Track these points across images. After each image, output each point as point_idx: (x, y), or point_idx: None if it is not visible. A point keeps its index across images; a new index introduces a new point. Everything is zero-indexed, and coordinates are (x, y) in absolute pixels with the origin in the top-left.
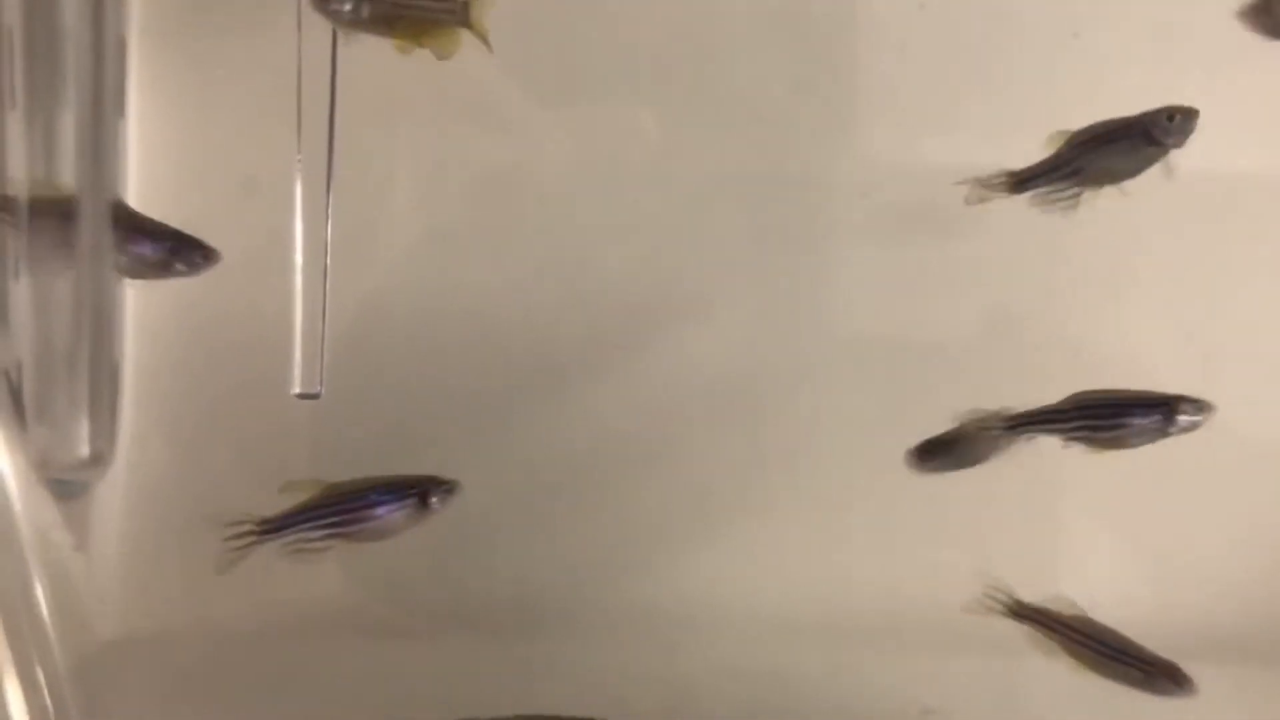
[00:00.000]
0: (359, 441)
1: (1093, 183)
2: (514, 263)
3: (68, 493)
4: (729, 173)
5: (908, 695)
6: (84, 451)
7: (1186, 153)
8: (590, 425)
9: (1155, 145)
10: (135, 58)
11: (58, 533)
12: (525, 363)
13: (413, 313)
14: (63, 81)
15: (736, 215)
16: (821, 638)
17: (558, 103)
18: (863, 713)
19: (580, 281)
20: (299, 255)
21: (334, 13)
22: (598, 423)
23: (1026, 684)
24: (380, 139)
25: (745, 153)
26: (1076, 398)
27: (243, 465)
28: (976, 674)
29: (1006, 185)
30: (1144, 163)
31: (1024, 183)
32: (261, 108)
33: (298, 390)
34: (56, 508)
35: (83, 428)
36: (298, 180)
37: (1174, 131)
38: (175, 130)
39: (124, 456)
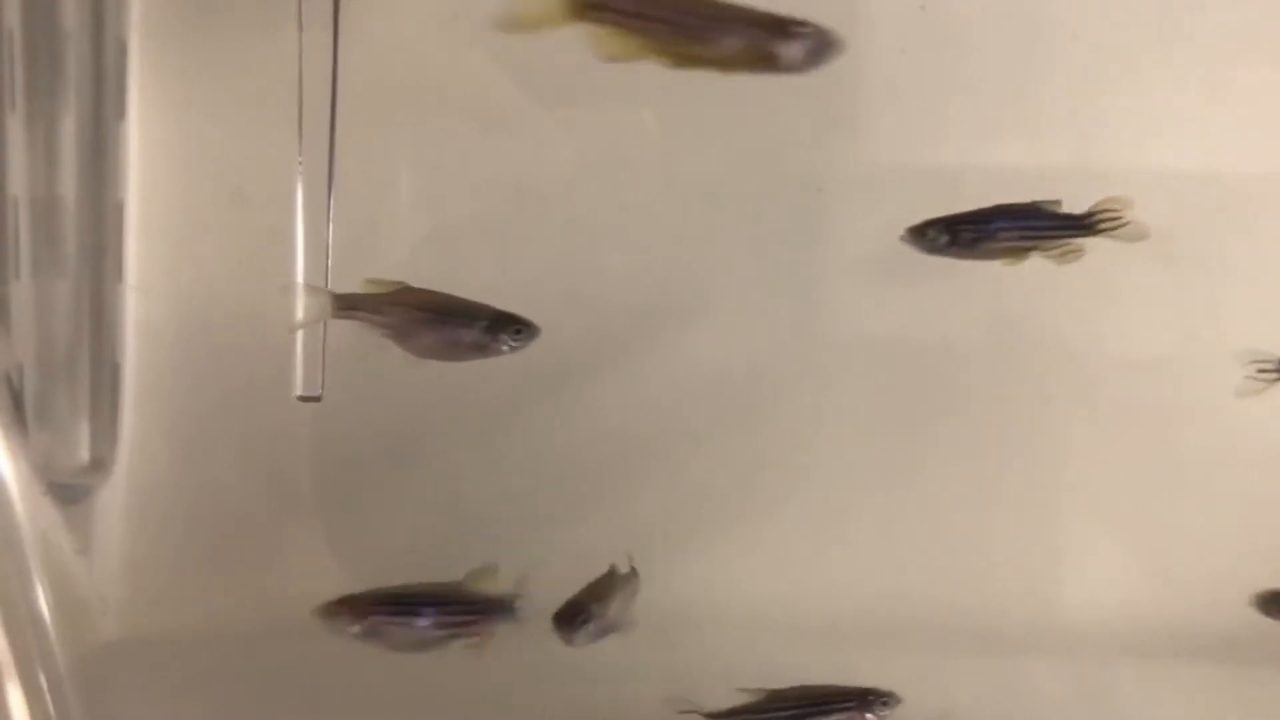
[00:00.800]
0: (360, 443)
1: None
2: (515, 263)
3: (69, 496)
4: (730, 174)
5: (909, 696)
6: (85, 457)
7: (1186, 153)
8: (591, 426)
9: None
10: (135, 60)
11: (59, 535)
12: (526, 364)
13: None
14: (63, 84)
15: (738, 216)
16: (822, 638)
17: (559, 104)
18: None
19: (581, 283)
20: (300, 257)
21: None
22: (599, 423)
23: (1028, 684)
24: (381, 140)
25: (746, 154)
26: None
27: (244, 467)
28: (978, 674)
29: None
30: None
31: None
32: (263, 110)
33: (299, 393)
34: (58, 511)
35: (84, 433)
36: (299, 182)
37: None
38: (176, 132)
39: (125, 459)
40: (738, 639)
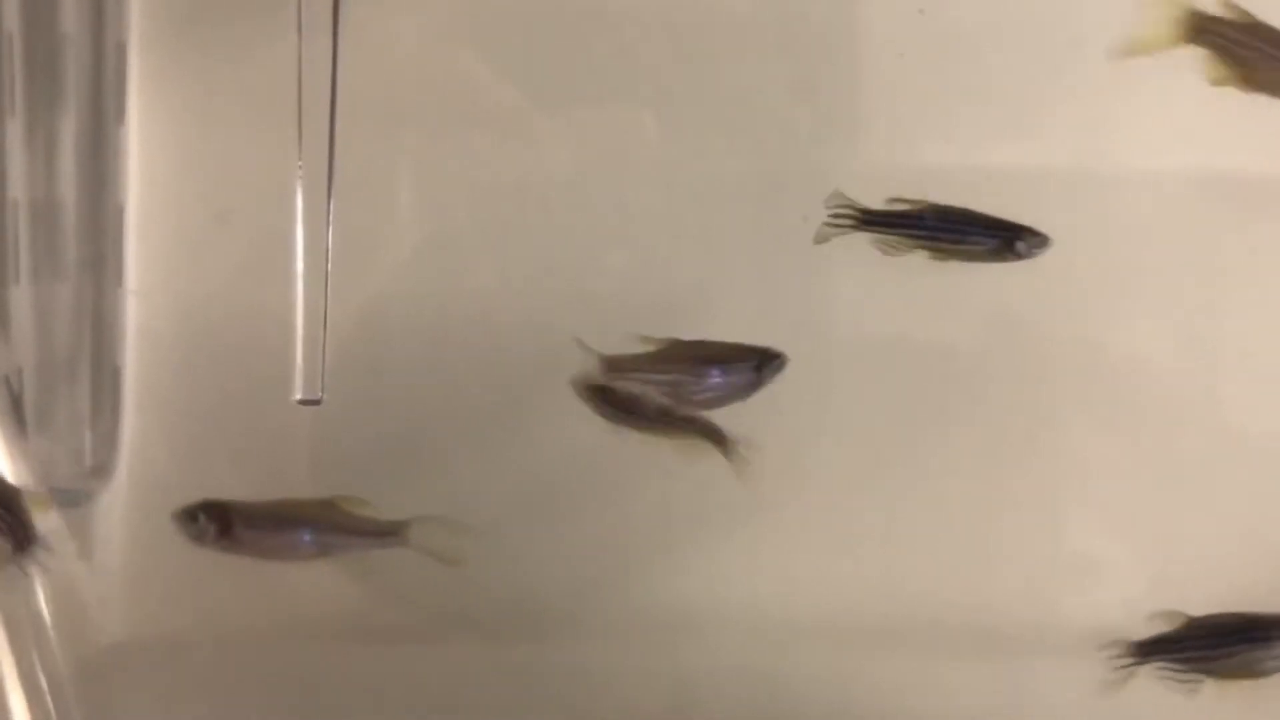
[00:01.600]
0: (361, 447)
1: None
2: (515, 266)
3: (69, 500)
4: (730, 176)
5: (910, 698)
6: (86, 461)
7: (1185, 154)
8: (592, 428)
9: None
10: (135, 64)
11: (59, 540)
12: (527, 366)
13: (414, 317)
14: (63, 88)
15: (738, 218)
16: (824, 640)
17: (559, 106)
18: (866, 716)
19: (582, 285)
20: (300, 261)
21: None
22: (600, 425)
23: (1029, 686)
24: (381, 144)
25: (746, 156)
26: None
27: (244, 471)
28: (979, 676)
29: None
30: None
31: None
32: (262, 114)
33: (299, 396)
34: (58, 515)
35: (84, 439)
36: (299, 186)
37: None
38: (176, 136)
39: (125, 462)
40: (738, 640)
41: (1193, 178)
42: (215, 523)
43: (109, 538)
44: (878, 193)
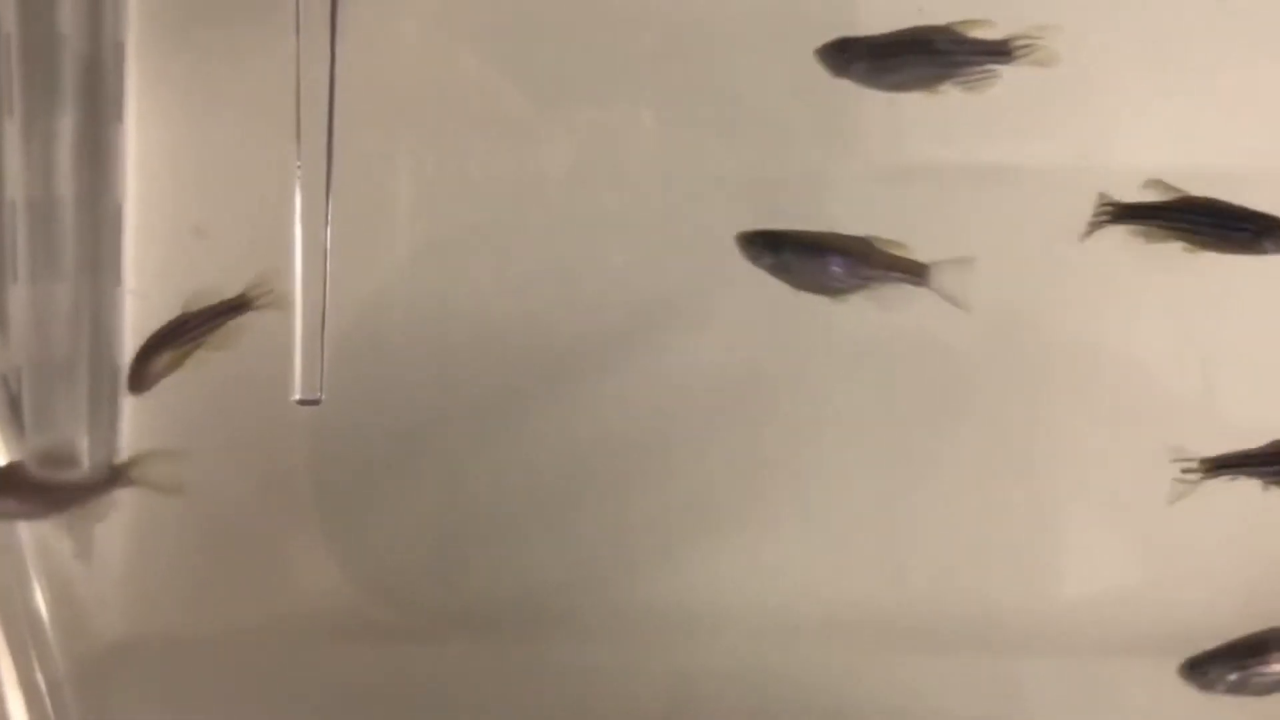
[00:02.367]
0: (361, 447)
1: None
2: (514, 266)
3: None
4: (729, 175)
5: (910, 697)
6: (84, 462)
7: (1186, 153)
8: (592, 427)
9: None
10: (133, 64)
11: (58, 539)
12: (527, 366)
13: (413, 317)
14: (60, 87)
15: (737, 217)
16: (824, 639)
17: (558, 106)
18: (866, 715)
19: (581, 284)
20: (299, 261)
21: None
22: (599, 425)
23: (1028, 685)
24: (379, 143)
25: (745, 155)
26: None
27: (243, 472)
28: (977, 675)
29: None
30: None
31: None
32: (261, 113)
33: (298, 396)
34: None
35: (83, 441)
36: (297, 185)
37: None
38: (174, 136)
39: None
40: (737, 640)
41: (1192, 178)
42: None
43: (107, 538)
44: (877, 194)
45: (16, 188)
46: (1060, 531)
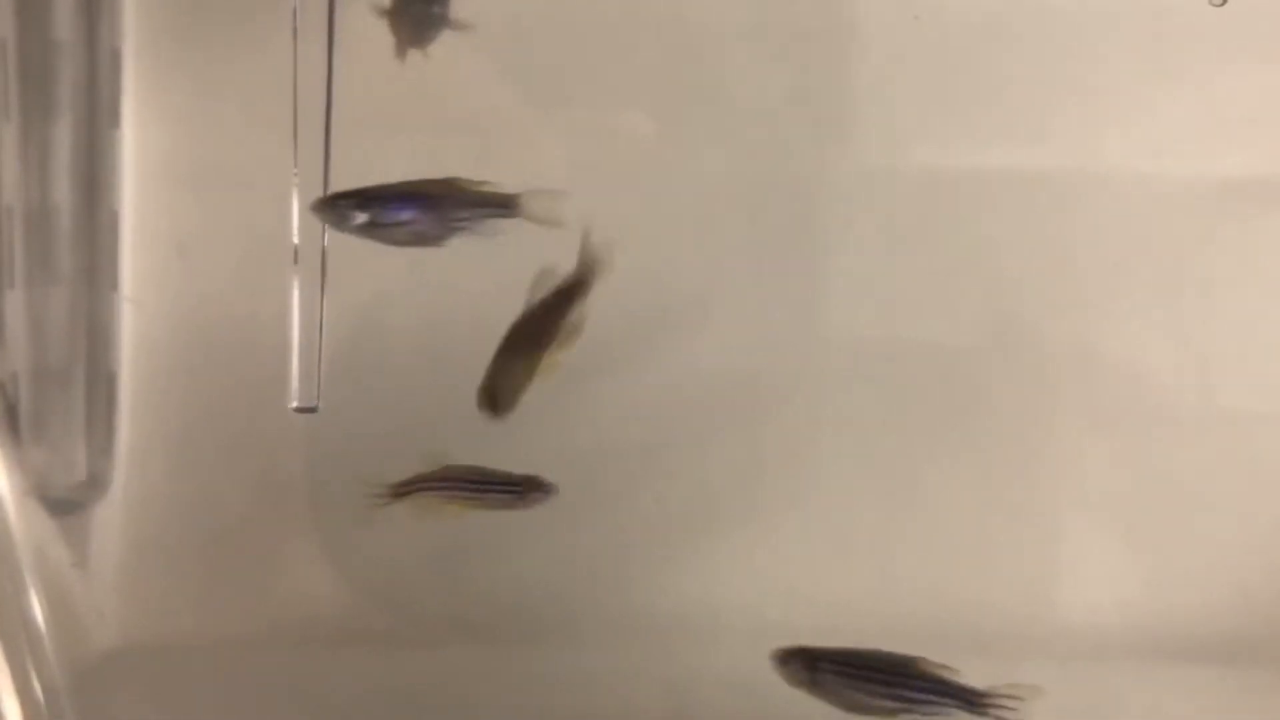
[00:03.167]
0: (357, 454)
1: None
2: (511, 271)
3: (65, 508)
4: (727, 179)
5: None
6: (81, 474)
7: (1182, 158)
8: (590, 432)
9: None
10: (130, 69)
11: (55, 548)
12: None
13: (410, 324)
14: (57, 94)
15: (735, 221)
16: (821, 642)
17: (554, 108)
18: None
19: None
20: (295, 268)
21: None
22: (597, 429)
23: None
24: (376, 147)
25: (743, 159)
26: None
27: (240, 479)
28: (977, 679)
29: None
30: None
31: None
32: (257, 118)
33: (295, 404)
34: (53, 523)
35: (80, 450)
36: (294, 191)
37: None
38: (170, 142)
39: (121, 471)
40: (736, 644)
41: (1191, 179)
42: None
43: (104, 546)
44: (876, 195)
45: (13, 194)
46: (1059, 535)
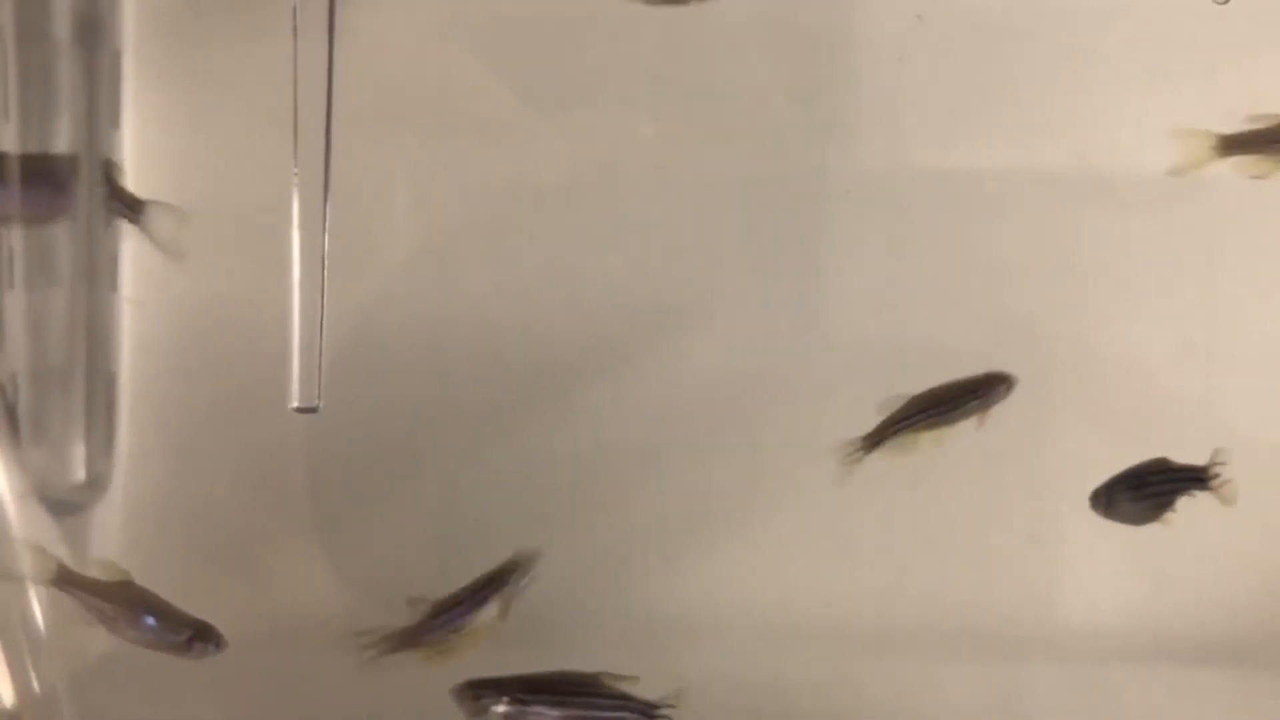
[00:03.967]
0: (358, 455)
1: None
2: (512, 271)
3: (65, 509)
4: (727, 180)
5: (910, 702)
6: (80, 476)
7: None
8: (590, 433)
9: None
10: (130, 70)
11: (55, 548)
12: (524, 372)
13: (411, 324)
14: (56, 94)
15: (735, 222)
16: (822, 645)
17: (555, 110)
18: None
19: (579, 290)
20: (296, 268)
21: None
22: (597, 431)
23: (1028, 690)
24: (377, 149)
25: (744, 160)
26: None
27: (240, 479)
28: (978, 680)
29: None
30: None
31: None
32: (257, 119)
33: (296, 404)
34: (53, 523)
35: (79, 451)
36: (294, 191)
37: None
38: (170, 142)
39: (121, 471)
40: (737, 646)
41: (1191, 178)
42: None
43: (104, 547)
44: (876, 195)
45: None
46: (1059, 535)
